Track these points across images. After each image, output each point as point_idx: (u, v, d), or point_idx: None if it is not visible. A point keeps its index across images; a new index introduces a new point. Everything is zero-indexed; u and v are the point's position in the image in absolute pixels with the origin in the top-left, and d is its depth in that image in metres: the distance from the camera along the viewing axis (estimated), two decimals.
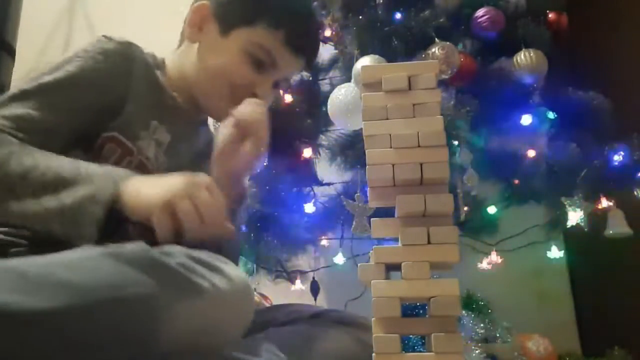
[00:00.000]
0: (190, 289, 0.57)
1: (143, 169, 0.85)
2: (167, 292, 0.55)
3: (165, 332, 0.55)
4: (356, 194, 1.35)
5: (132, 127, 0.84)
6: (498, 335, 1.38)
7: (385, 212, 0.61)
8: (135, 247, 0.58)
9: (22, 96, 0.78)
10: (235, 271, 0.64)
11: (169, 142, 0.89)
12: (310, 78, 1.68)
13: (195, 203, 0.69)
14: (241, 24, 0.88)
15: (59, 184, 0.69)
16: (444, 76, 1.34)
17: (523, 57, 1.43)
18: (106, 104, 0.82)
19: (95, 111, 0.82)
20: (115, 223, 0.70)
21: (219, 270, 0.61)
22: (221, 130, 0.87)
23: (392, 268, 0.58)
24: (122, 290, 0.54)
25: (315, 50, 0.98)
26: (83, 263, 0.56)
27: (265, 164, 1.44)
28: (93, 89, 0.82)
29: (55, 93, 0.79)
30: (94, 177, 0.70)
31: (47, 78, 0.79)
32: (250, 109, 0.85)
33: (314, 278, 1.65)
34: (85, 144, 0.82)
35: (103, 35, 0.86)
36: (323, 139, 1.62)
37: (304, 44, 0.91)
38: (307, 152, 1.60)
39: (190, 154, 0.96)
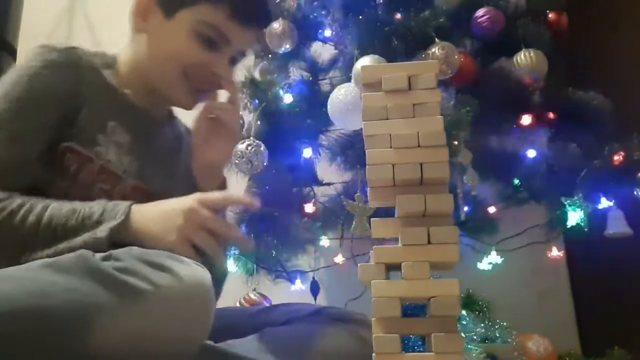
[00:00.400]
0: (125, 292, 0.57)
1: (106, 172, 0.84)
2: (99, 297, 0.56)
3: (97, 337, 0.55)
4: (356, 194, 1.35)
5: (88, 133, 0.83)
6: (498, 335, 1.38)
7: (385, 212, 0.61)
8: (73, 255, 0.59)
9: None
10: (190, 271, 0.62)
11: (129, 142, 0.87)
12: (310, 78, 1.68)
13: (206, 227, 0.73)
14: (184, 4, 0.86)
15: (68, 233, 0.72)
16: (444, 76, 1.34)
17: (523, 57, 1.43)
18: (62, 116, 0.81)
19: (54, 126, 0.81)
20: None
21: (169, 270, 0.60)
22: (194, 124, 0.90)
23: (392, 268, 0.58)
24: (50, 297, 0.55)
25: (264, 19, 0.95)
26: (16, 274, 0.58)
27: (265, 163, 1.44)
28: (47, 106, 0.81)
29: (10, 123, 0.78)
30: (100, 223, 0.72)
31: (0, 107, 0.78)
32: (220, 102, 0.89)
33: (314, 278, 1.65)
34: (47, 157, 0.81)
35: (42, 45, 0.84)
36: (323, 139, 1.62)
37: (250, 15, 0.88)
38: (307, 152, 1.60)
39: (159, 151, 0.94)
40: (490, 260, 1.62)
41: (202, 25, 0.85)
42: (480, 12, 1.46)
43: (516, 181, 1.57)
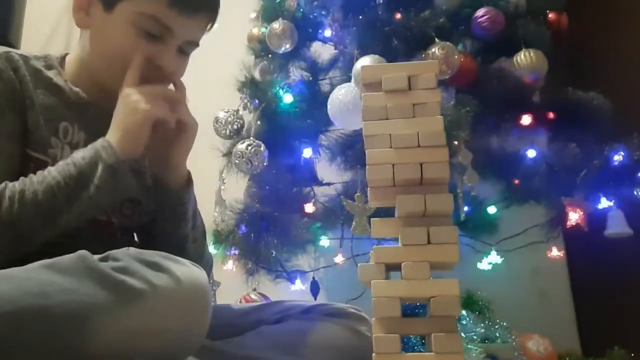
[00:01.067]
0: (123, 292, 0.57)
1: None
2: (97, 297, 0.56)
3: (95, 337, 0.55)
4: (356, 194, 1.35)
5: (40, 138, 0.81)
6: (498, 335, 1.38)
7: (385, 212, 0.61)
8: (73, 256, 0.59)
9: None
10: (187, 271, 0.62)
11: (84, 140, 0.85)
12: (310, 78, 1.68)
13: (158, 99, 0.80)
14: None
15: (78, 178, 0.73)
16: (444, 76, 1.34)
17: (523, 57, 1.43)
18: (20, 121, 0.80)
19: (19, 131, 0.79)
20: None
21: (166, 270, 0.60)
22: None
23: (392, 268, 0.58)
24: (48, 297, 0.55)
25: (208, 6, 0.88)
26: (16, 274, 0.58)
27: (265, 163, 1.44)
28: (7, 111, 0.78)
29: None
30: (95, 158, 0.75)
31: None
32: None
33: (314, 278, 1.65)
34: None
35: None
36: (323, 139, 1.62)
37: (191, 3, 0.83)
38: (307, 152, 1.60)
39: None
40: (490, 260, 1.62)
41: (141, 18, 0.81)
42: (480, 12, 1.46)
43: (516, 181, 1.57)
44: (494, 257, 1.62)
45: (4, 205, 0.70)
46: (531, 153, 1.51)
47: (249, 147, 1.41)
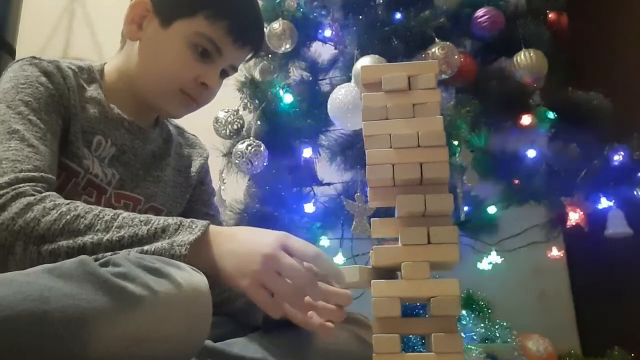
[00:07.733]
0: (123, 298, 0.56)
1: (92, 185, 0.84)
2: (97, 302, 0.55)
3: (95, 343, 0.55)
4: (356, 194, 1.35)
5: (76, 149, 0.82)
6: (498, 335, 1.38)
7: (385, 212, 0.61)
8: (73, 261, 0.59)
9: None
10: (187, 276, 0.62)
11: (114, 154, 0.87)
12: (310, 78, 1.68)
13: (284, 275, 0.66)
14: (182, 15, 0.85)
15: (134, 245, 0.68)
16: (444, 76, 1.34)
17: (523, 57, 1.43)
18: (61, 124, 0.81)
19: (59, 133, 0.80)
20: None
21: (166, 276, 0.60)
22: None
23: (392, 268, 0.58)
24: (48, 302, 0.54)
25: (259, 40, 0.95)
26: (16, 278, 0.57)
27: (265, 163, 1.44)
28: (52, 112, 0.80)
29: (30, 125, 0.77)
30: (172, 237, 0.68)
31: (13, 119, 0.76)
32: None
33: None
34: None
35: (32, 57, 0.83)
36: (323, 139, 1.62)
37: (246, 35, 0.89)
38: (307, 152, 1.60)
39: (145, 158, 0.94)
40: (490, 260, 1.62)
41: (197, 37, 0.85)
42: (480, 12, 1.46)
43: (516, 181, 1.57)
44: (494, 257, 1.62)
45: (48, 218, 0.68)
46: (531, 153, 1.51)
47: (249, 147, 1.41)
